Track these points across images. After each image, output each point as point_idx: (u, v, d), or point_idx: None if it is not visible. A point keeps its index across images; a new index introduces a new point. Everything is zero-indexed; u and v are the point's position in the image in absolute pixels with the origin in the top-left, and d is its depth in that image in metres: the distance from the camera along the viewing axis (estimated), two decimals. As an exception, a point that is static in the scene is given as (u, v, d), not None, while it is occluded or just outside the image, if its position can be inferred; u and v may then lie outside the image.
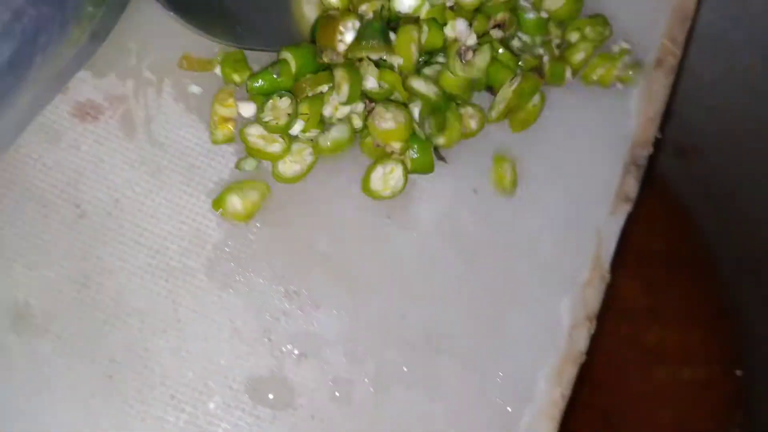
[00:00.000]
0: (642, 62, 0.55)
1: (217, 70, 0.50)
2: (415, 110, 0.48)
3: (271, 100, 0.45)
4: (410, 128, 0.48)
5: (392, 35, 0.47)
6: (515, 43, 0.52)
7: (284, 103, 0.45)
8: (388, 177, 0.48)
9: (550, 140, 0.53)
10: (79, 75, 0.49)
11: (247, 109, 0.47)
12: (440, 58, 0.49)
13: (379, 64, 0.47)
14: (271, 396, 0.46)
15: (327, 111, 0.47)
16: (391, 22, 0.48)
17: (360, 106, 0.48)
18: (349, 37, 0.46)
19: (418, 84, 0.47)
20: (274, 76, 0.46)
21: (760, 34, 0.72)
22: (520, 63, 0.50)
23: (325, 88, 0.47)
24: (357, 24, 0.46)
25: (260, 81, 0.46)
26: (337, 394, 0.47)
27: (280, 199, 0.49)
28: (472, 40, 0.49)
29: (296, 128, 0.47)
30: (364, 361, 0.47)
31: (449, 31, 0.48)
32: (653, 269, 0.85)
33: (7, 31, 0.38)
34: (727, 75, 0.77)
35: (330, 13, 0.47)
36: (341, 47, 0.46)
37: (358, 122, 0.48)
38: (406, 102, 0.48)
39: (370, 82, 0.47)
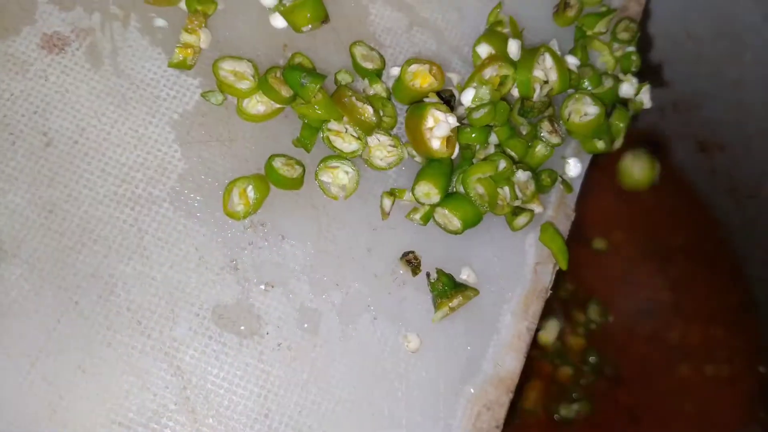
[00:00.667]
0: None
1: (182, 4, 0.50)
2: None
3: None
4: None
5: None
6: None
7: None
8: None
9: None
10: (47, 8, 0.49)
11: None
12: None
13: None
14: (237, 324, 0.46)
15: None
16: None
17: None
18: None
19: None
20: None
21: None
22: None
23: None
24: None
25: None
26: (303, 323, 0.47)
27: (246, 130, 0.49)
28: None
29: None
30: (330, 292, 0.48)
31: None
32: (676, 265, 0.85)
33: None
34: (751, 71, 0.77)
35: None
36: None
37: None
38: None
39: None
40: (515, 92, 0.52)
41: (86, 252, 0.46)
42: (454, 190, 0.49)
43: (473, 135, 0.49)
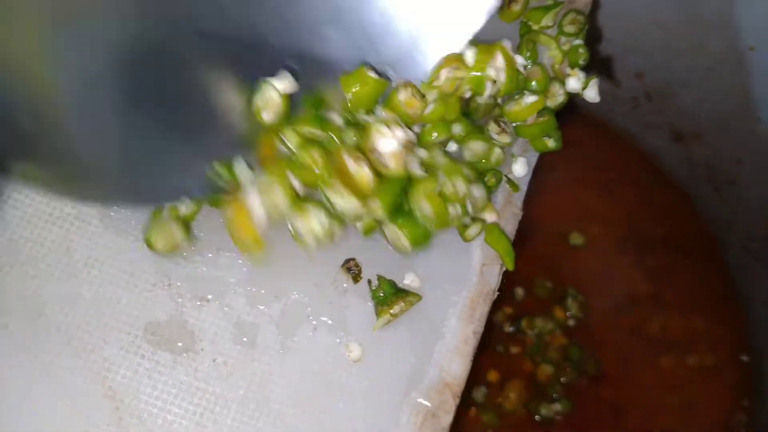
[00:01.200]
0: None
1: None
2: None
3: None
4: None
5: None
6: None
7: None
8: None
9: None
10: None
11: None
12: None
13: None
14: (170, 341, 0.45)
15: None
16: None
17: None
18: None
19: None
20: None
21: (761, 16, 0.70)
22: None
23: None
24: None
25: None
26: (240, 337, 0.46)
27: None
28: None
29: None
30: (268, 304, 0.47)
31: None
32: (655, 256, 0.84)
33: None
34: (721, 58, 0.76)
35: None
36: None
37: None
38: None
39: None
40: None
41: (14, 273, 0.45)
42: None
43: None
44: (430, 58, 0.47)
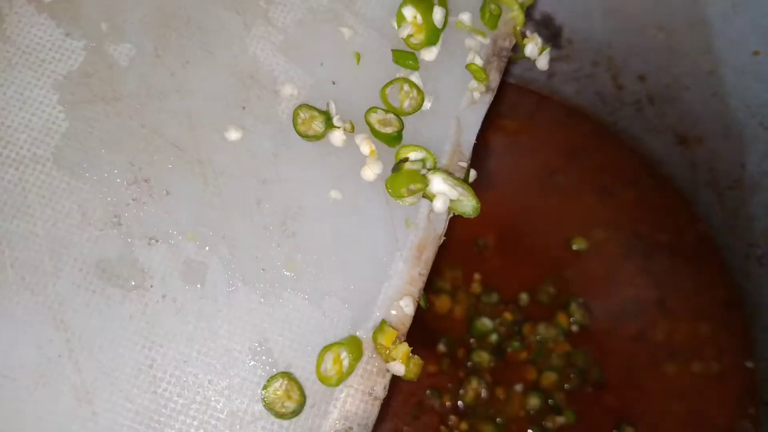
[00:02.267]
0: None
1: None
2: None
3: None
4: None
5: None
6: None
7: None
8: None
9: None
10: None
11: None
12: None
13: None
14: (121, 278, 0.47)
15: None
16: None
17: None
18: None
19: None
20: None
21: (764, 19, 0.71)
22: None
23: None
24: None
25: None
26: (189, 275, 0.48)
27: (130, 88, 0.50)
28: None
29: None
30: (216, 245, 0.48)
31: None
32: (659, 261, 0.84)
33: None
34: (723, 61, 0.77)
35: None
36: None
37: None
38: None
39: None
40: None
41: (-30, 212, 0.47)
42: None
43: None
44: None
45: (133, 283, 0.47)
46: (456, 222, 0.83)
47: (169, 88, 0.50)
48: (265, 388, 0.47)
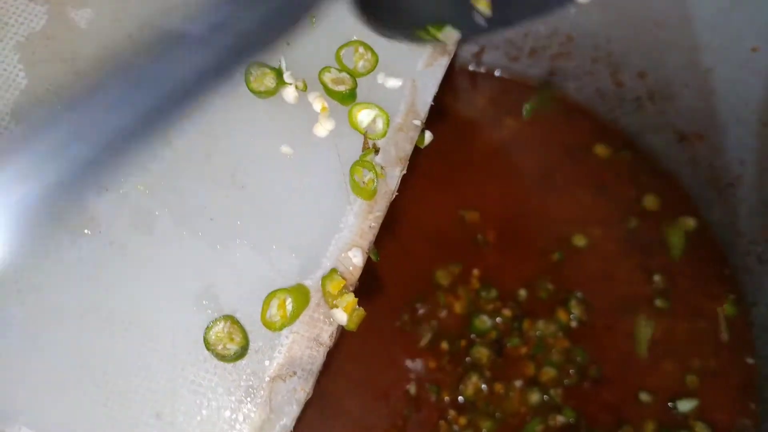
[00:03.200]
0: None
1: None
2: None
3: None
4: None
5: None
6: None
7: None
8: None
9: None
10: None
11: None
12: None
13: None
14: (70, 223, 0.48)
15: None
16: None
17: None
18: None
19: None
20: None
21: (763, 16, 0.71)
22: None
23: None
24: None
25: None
26: (137, 223, 0.49)
27: (88, 50, 0.52)
28: None
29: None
30: (166, 196, 0.49)
31: None
32: (658, 258, 0.84)
33: None
34: (721, 57, 0.77)
35: None
36: None
37: None
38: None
39: None
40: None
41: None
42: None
43: None
44: None
45: (81, 228, 0.48)
46: (456, 219, 0.83)
47: (126, 50, 0.52)
48: (207, 329, 0.47)
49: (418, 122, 0.54)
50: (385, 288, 0.80)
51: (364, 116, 0.52)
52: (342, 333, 0.49)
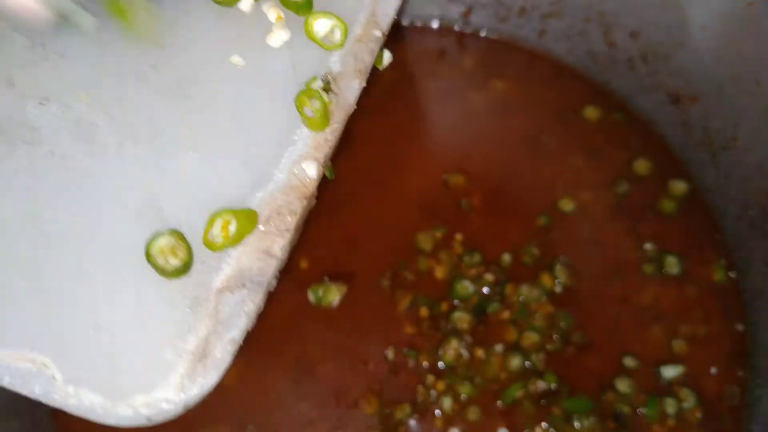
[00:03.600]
0: None
1: None
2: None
3: None
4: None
5: None
6: None
7: None
8: None
9: None
10: None
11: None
12: None
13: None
14: (9, 134, 0.46)
15: None
16: None
17: None
18: None
19: None
20: None
21: None
22: None
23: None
24: None
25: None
26: (79, 134, 0.46)
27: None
28: None
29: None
30: (109, 106, 0.47)
31: None
32: (647, 223, 0.82)
33: None
34: (717, 15, 0.75)
35: None
36: None
37: None
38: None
39: None
40: None
41: None
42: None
43: None
44: None
45: (20, 140, 0.46)
46: (440, 183, 0.81)
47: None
48: (150, 242, 0.44)
49: (379, 33, 0.51)
50: (365, 252, 0.77)
51: (321, 26, 0.50)
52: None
